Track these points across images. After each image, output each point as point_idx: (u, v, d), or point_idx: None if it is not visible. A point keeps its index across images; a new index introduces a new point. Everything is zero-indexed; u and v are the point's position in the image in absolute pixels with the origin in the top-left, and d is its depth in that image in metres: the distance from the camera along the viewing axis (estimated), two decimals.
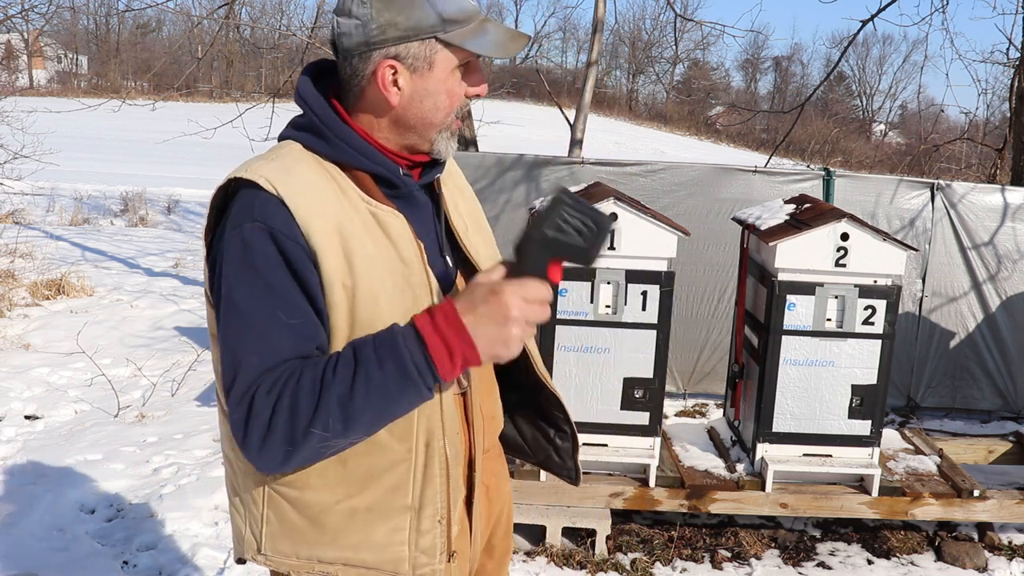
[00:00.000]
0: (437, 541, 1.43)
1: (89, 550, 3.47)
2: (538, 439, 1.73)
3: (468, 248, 1.54)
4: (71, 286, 7.42)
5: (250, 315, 1.29)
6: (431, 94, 1.39)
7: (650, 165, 5.25)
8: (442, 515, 1.43)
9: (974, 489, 3.65)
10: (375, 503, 1.40)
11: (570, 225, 1.21)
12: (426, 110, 1.40)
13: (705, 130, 41.96)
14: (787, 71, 55.84)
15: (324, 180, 1.37)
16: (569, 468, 1.72)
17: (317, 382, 1.25)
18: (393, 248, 1.38)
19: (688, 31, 42.34)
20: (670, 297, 3.52)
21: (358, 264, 1.33)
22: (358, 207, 1.37)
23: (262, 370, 1.27)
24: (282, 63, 13.70)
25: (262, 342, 1.29)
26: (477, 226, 1.61)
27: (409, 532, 1.41)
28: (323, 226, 1.31)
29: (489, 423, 1.60)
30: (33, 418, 4.89)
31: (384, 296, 1.35)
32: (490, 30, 1.39)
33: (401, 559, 1.42)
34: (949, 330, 5.36)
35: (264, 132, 6.32)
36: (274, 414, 1.25)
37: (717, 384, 5.35)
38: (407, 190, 1.45)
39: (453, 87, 1.40)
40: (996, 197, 5.23)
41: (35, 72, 41.36)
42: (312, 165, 1.39)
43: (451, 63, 1.39)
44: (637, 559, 3.58)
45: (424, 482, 1.41)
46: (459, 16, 1.36)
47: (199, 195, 15.13)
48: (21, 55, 37.35)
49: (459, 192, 1.62)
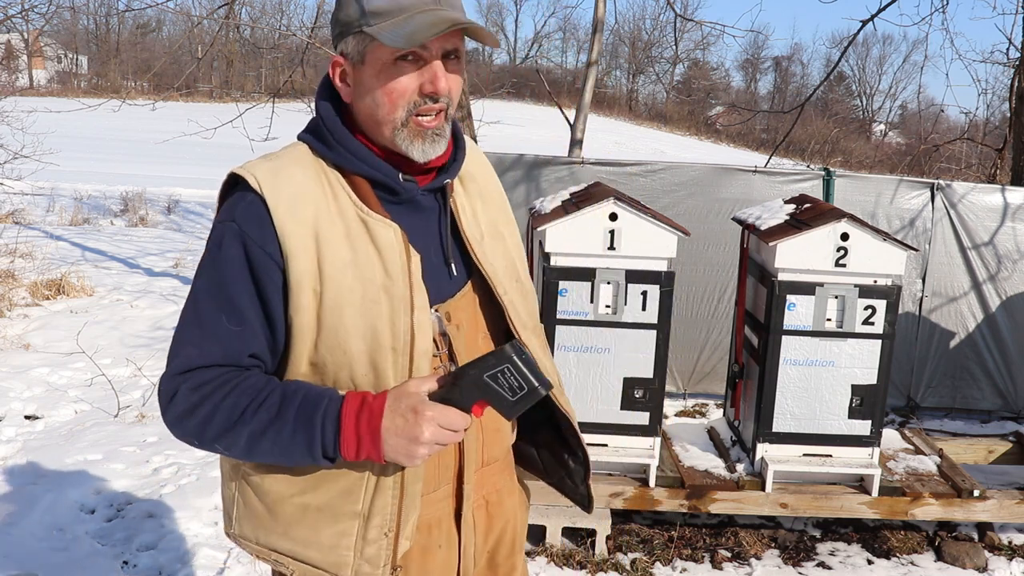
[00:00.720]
0: (383, 552, 1.41)
1: (89, 550, 3.47)
2: (553, 460, 1.69)
3: (479, 258, 1.48)
4: (71, 286, 7.42)
5: (200, 310, 1.38)
6: (368, 89, 1.37)
7: (650, 165, 5.26)
8: (390, 527, 1.41)
9: (974, 489, 3.64)
10: (326, 504, 1.41)
11: (506, 381, 1.31)
12: (368, 106, 1.38)
13: (705, 130, 41.96)
14: (787, 71, 55.87)
15: (315, 184, 1.38)
16: (581, 494, 1.69)
17: (236, 411, 1.32)
18: (377, 258, 1.36)
19: (688, 31, 42.32)
20: (670, 297, 3.52)
21: (328, 271, 1.34)
22: (346, 213, 1.37)
23: (193, 364, 1.35)
24: (282, 63, 13.70)
25: (201, 338, 1.36)
26: (495, 234, 1.54)
27: (356, 538, 1.40)
28: (298, 230, 1.33)
29: (491, 435, 1.55)
30: (33, 418, 4.89)
31: (350, 307, 1.35)
32: (416, 20, 1.30)
33: (345, 563, 1.41)
34: (949, 330, 5.36)
35: (264, 132, 6.32)
36: (190, 414, 1.35)
37: (717, 384, 5.35)
38: (408, 196, 1.42)
39: (389, 82, 1.34)
40: (996, 197, 5.23)
41: (35, 72, 41.36)
42: (309, 168, 1.40)
43: (383, 56, 1.34)
44: (637, 559, 3.58)
45: (376, 492, 1.40)
46: (385, 8, 1.32)
47: (199, 195, 15.13)
48: (21, 55, 37.35)
49: (480, 198, 1.55)
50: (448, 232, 1.48)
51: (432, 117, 1.37)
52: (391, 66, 1.34)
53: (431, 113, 1.36)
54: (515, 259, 1.57)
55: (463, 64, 1.42)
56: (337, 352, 1.36)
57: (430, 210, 1.46)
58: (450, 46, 1.36)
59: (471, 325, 1.50)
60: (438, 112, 1.37)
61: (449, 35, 1.33)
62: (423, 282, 1.41)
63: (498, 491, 1.61)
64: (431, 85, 1.34)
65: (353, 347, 1.36)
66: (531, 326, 1.56)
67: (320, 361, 1.38)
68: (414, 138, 1.37)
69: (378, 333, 1.36)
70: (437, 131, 1.38)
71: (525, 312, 1.55)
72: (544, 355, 1.59)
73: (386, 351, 1.36)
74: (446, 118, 1.39)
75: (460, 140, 1.51)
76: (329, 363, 1.37)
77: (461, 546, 1.54)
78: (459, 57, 1.39)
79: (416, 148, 1.37)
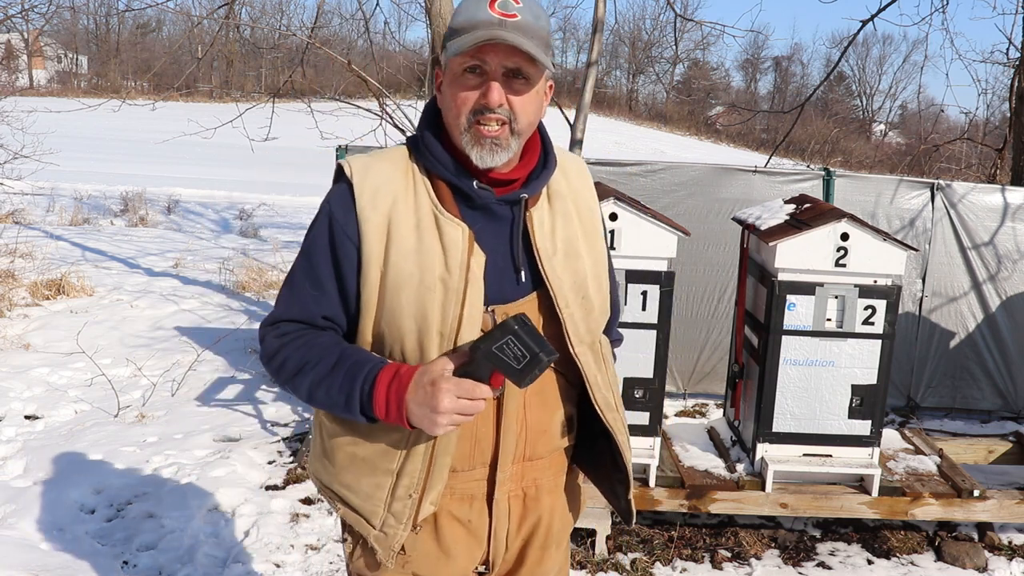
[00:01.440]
0: (407, 510, 1.59)
1: (89, 550, 3.47)
2: (605, 470, 1.78)
3: (546, 272, 1.60)
4: (71, 286, 7.42)
5: (293, 274, 1.63)
6: (445, 96, 1.57)
7: (650, 165, 5.26)
8: (416, 490, 1.57)
9: (974, 489, 3.65)
10: (368, 457, 1.60)
11: (511, 351, 1.43)
12: (446, 111, 1.57)
13: (705, 130, 41.95)
14: (787, 71, 55.85)
15: (400, 180, 1.58)
16: (623, 507, 1.78)
17: (302, 363, 1.55)
18: (440, 251, 1.53)
19: (688, 31, 42.30)
20: (670, 297, 3.52)
21: (393, 256, 1.53)
22: (421, 209, 1.55)
23: (279, 318, 1.62)
24: (282, 63, 13.69)
25: (289, 298, 1.62)
26: (571, 252, 1.64)
27: (387, 492, 1.59)
28: (374, 217, 1.54)
29: (535, 435, 1.66)
30: (33, 418, 4.89)
31: (407, 288, 1.53)
32: (473, 36, 1.48)
33: (375, 513, 1.60)
34: (949, 330, 5.36)
35: (264, 132, 6.31)
36: (271, 357, 1.60)
37: (717, 384, 5.35)
38: (482, 202, 1.57)
39: (458, 91, 1.52)
40: (996, 197, 5.23)
41: (35, 72, 41.36)
42: (399, 165, 1.60)
43: (454, 67, 1.53)
44: (637, 559, 3.58)
45: (408, 455, 1.57)
46: (461, 25, 1.51)
47: (199, 195, 15.13)
48: (21, 55, 37.36)
49: (564, 216, 1.65)
50: (520, 242, 1.60)
51: (493, 127, 1.51)
52: (459, 76, 1.53)
53: (491, 123, 1.51)
54: (587, 277, 1.66)
55: (534, 87, 1.54)
56: (392, 327, 1.55)
57: (504, 219, 1.60)
58: (511, 65, 1.50)
59: None
60: (500, 124, 1.51)
61: (510, 55, 1.49)
62: (484, 282, 1.55)
63: (537, 487, 1.72)
64: (484, 97, 1.50)
65: (405, 325, 1.54)
66: (588, 341, 1.66)
67: (379, 333, 1.58)
68: (474, 144, 1.53)
69: (428, 317, 1.53)
70: (496, 141, 1.52)
71: (584, 328, 1.65)
72: (598, 370, 1.68)
73: (433, 335, 1.53)
74: (512, 133, 1.53)
75: (549, 160, 1.65)
76: (386, 336, 1.57)
77: (492, 527, 1.68)
78: (527, 79, 1.52)
79: (475, 153, 1.53)
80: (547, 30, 1.55)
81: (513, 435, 1.63)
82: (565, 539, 1.83)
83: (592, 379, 1.66)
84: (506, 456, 1.64)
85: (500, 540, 1.70)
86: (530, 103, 1.55)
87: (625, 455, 1.72)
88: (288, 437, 4.74)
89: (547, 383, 1.66)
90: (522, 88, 1.53)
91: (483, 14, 1.49)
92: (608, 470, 1.77)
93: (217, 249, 10.06)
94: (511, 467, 1.65)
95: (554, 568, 1.81)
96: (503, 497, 1.67)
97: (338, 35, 13.01)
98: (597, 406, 1.67)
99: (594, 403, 1.67)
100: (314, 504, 3.97)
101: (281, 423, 4.95)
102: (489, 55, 1.49)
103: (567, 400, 1.71)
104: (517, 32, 1.48)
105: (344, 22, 18.01)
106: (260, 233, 11.77)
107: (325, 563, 3.49)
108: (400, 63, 9.42)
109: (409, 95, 8.27)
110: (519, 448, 1.65)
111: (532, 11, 1.52)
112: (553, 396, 1.68)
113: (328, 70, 13.61)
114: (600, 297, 1.70)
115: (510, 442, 1.63)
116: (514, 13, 1.49)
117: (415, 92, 8.20)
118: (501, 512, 1.68)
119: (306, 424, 4.91)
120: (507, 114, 1.51)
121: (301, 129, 6.79)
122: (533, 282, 1.62)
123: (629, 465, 1.74)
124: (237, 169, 18.16)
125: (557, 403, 1.69)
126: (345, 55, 6.52)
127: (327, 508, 3.93)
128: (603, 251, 1.73)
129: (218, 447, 4.51)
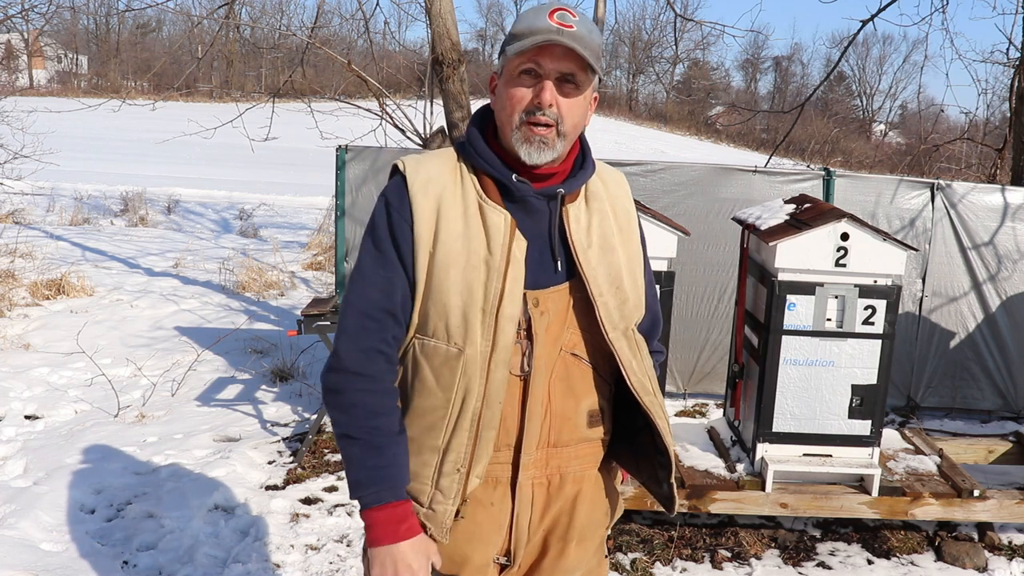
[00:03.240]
0: (454, 486, 1.66)
1: (89, 550, 3.47)
2: (646, 459, 1.83)
3: (581, 263, 1.71)
4: (71, 286, 7.42)
5: (364, 265, 1.71)
6: (500, 96, 1.69)
7: (650, 165, 5.26)
8: (463, 464, 1.66)
9: (974, 489, 3.64)
10: (415, 437, 1.68)
11: None
12: (500, 109, 1.69)
13: (705, 130, 41.96)
14: (787, 71, 55.86)
15: (448, 174, 1.71)
16: (664, 493, 1.83)
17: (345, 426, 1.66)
18: (484, 235, 1.66)
19: (688, 31, 42.38)
20: (670, 297, 3.52)
21: (443, 237, 1.65)
22: (468, 198, 1.68)
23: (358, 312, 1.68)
24: (282, 63, 13.67)
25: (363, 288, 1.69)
26: (605, 246, 1.74)
27: (433, 470, 1.67)
28: (425, 203, 1.67)
29: (559, 420, 1.73)
30: (33, 418, 4.89)
31: (455, 267, 1.65)
32: (530, 40, 1.61)
33: (423, 491, 1.68)
34: (949, 330, 5.36)
35: (264, 132, 6.31)
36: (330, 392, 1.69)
37: (717, 384, 5.35)
38: (520, 195, 1.68)
39: (513, 90, 1.65)
40: (996, 197, 5.23)
41: (35, 72, 41.37)
42: (447, 162, 1.73)
43: (511, 69, 1.65)
44: (637, 559, 3.58)
45: (454, 432, 1.65)
46: (521, 31, 1.64)
47: (199, 195, 15.13)
48: (21, 55, 37.35)
49: (600, 215, 1.76)
50: (556, 234, 1.71)
51: (542, 127, 1.63)
52: (515, 78, 1.65)
53: (540, 123, 1.63)
54: (622, 270, 1.76)
55: (583, 93, 1.66)
56: (439, 304, 1.65)
57: (541, 212, 1.71)
58: (565, 69, 1.63)
59: (557, 316, 1.71)
60: (547, 125, 1.63)
61: (564, 59, 1.62)
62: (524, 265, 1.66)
63: (561, 475, 1.77)
64: (537, 98, 1.63)
65: (452, 301, 1.64)
66: (621, 328, 1.75)
67: (424, 312, 1.67)
68: (523, 141, 1.65)
69: (473, 293, 1.64)
70: (544, 140, 1.64)
71: (618, 315, 1.74)
72: (633, 356, 1.75)
73: (476, 310, 1.64)
74: (558, 134, 1.65)
75: (587, 162, 1.76)
76: (431, 314, 1.66)
77: (515, 514, 1.73)
78: (577, 85, 1.65)
79: (523, 149, 1.65)
80: (599, 44, 1.68)
81: (538, 419, 1.70)
82: (593, 536, 1.84)
83: (627, 364, 1.73)
84: (530, 440, 1.70)
85: (522, 529, 1.75)
86: (578, 108, 1.67)
87: (666, 438, 1.77)
88: (288, 437, 4.74)
89: (573, 370, 1.73)
90: (572, 92, 1.65)
91: (542, 23, 1.62)
92: (651, 455, 1.81)
93: (217, 249, 10.06)
94: (535, 452, 1.72)
95: (580, 566, 1.82)
96: (527, 483, 1.73)
97: (338, 35, 13.00)
98: (633, 390, 1.73)
99: (630, 387, 1.73)
100: (314, 504, 3.97)
101: (281, 423, 4.95)
102: (545, 58, 1.62)
103: (597, 392, 1.77)
104: (572, 40, 1.61)
105: (344, 22, 17.98)
106: (260, 233, 11.78)
107: (325, 563, 3.49)
108: (400, 63, 9.41)
109: (409, 95, 8.26)
110: (543, 433, 1.72)
111: (587, 26, 1.65)
112: (581, 385, 1.74)
113: (328, 70, 13.60)
114: (635, 291, 1.78)
115: (535, 426, 1.70)
116: (571, 24, 1.63)
117: (415, 92, 8.20)
118: (524, 498, 1.73)
119: (306, 424, 4.91)
120: (555, 116, 1.64)
121: (301, 129, 6.80)
122: (567, 273, 1.72)
123: (671, 448, 1.79)
124: (237, 169, 18.17)
125: (584, 392, 1.75)
126: (345, 55, 6.52)
127: (327, 508, 3.94)
128: (639, 252, 1.83)
129: (218, 447, 4.51)
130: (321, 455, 4.50)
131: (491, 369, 1.64)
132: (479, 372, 1.63)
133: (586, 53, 1.61)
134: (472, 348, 1.63)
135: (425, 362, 1.66)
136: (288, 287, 8.38)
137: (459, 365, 1.63)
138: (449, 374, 1.64)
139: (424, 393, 1.67)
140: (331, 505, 3.97)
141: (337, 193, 5.53)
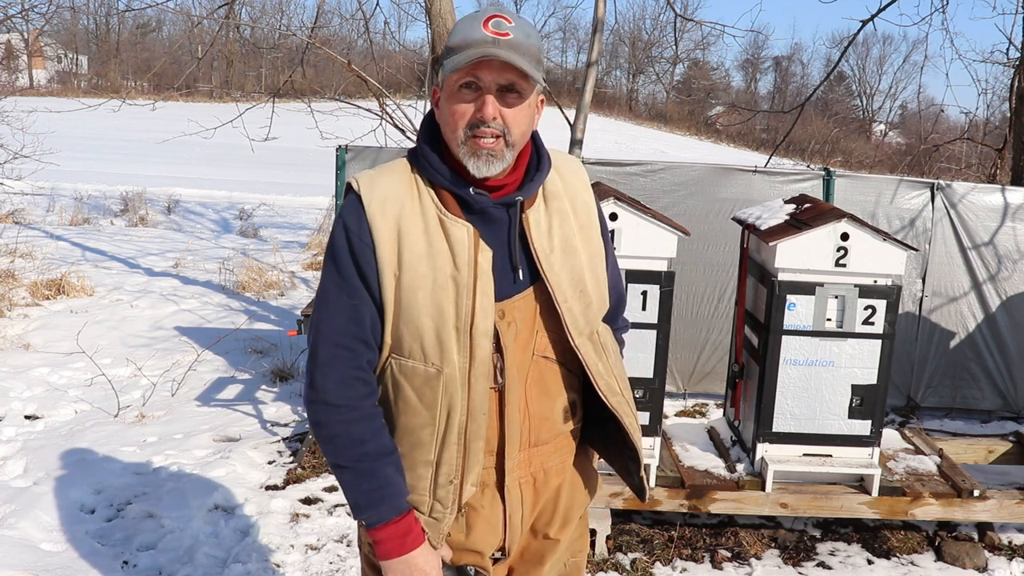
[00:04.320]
0: (450, 495, 1.69)
1: (89, 550, 3.47)
2: (617, 449, 1.88)
3: (544, 268, 1.70)
4: (71, 286, 7.42)
5: (327, 292, 1.68)
6: (443, 111, 1.65)
7: (650, 165, 5.25)
8: (455, 476, 1.68)
9: (974, 489, 3.64)
10: (406, 454, 1.70)
11: None
12: (444, 124, 1.66)
13: (705, 130, 41.95)
14: (787, 71, 55.83)
15: (404, 189, 1.67)
16: (636, 484, 1.88)
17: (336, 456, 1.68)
18: (449, 251, 1.63)
19: (688, 31, 42.39)
20: (670, 297, 3.52)
21: (407, 258, 1.63)
22: (427, 214, 1.65)
23: (329, 342, 1.66)
24: (282, 63, 13.68)
25: (329, 318, 1.67)
26: (567, 249, 1.73)
27: (429, 482, 1.69)
28: (384, 224, 1.63)
29: (538, 422, 1.76)
30: (33, 418, 4.89)
31: (423, 289, 1.63)
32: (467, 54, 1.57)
33: (423, 501, 1.70)
34: (949, 330, 5.36)
35: (264, 132, 6.31)
36: (318, 425, 1.70)
37: (717, 384, 5.35)
38: (479, 207, 1.66)
39: (455, 106, 1.62)
40: (996, 197, 5.23)
41: (35, 72, 41.36)
42: (402, 177, 1.69)
43: (450, 84, 1.62)
44: (637, 559, 3.58)
45: (443, 446, 1.67)
46: (457, 44, 1.60)
47: (199, 195, 15.13)
48: (21, 55, 37.34)
49: (560, 215, 1.74)
50: (517, 242, 1.70)
51: (488, 140, 1.60)
52: (456, 92, 1.62)
53: (486, 136, 1.60)
54: (584, 272, 1.75)
55: (526, 100, 1.63)
56: (411, 327, 1.64)
57: (501, 221, 1.69)
58: (504, 81, 1.59)
59: (525, 324, 1.71)
60: (495, 137, 1.60)
61: (503, 71, 1.58)
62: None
63: (545, 471, 1.80)
64: (479, 112, 1.60)
65: (424, 323, 1.63)
66: (587, 332, 1.75)
67: (397, 335, 1.66)
68: (471, 155, 1.62)
69: (444, 313, 1.62)
70: (492, 152, 1.61)
71: (583, 320, 1.74)
72: (599, 359, 1.77)
73: (450, 329, 1.63)
74: (506, 144, 1.62)
75: (542, 162, 1.73)
76: (405, 336, 1.65)
77: (507, 514, 1.77)
78: (519, 93, 1.61)
79: (472, 164, 1.62)
80: (538, 48, 1.63)
81: (517, 424, 1.73)
82: (575, 516, 1.90)
83: (593, 367, 1.75)
84: (512, 444, 1.73)
85: (516, 527, 1.79)
86: (523, 116, 1.64)
87: (632, 435, 1.81)
88: (288, 437, 4.74)
89: (546, 372, 1.75)
90: (515, 102, 1.62)
91: (477, 33, 1.58)
92: (620, 448, 1.85)
93: (217, 249, 10.06)
94: (518, 454, 1.74)
95: (563, 545, 1.89)
96: (514, 484, 1.76)
97: (338, 35, 13.00)
98: (600, 392, 1.75)
99: (597, 390, 1.76)
100: (314, 504, 3.97)
101: (281, 423, 4.95)
102: (483, 71, 1.58)
103: (569, 388, 1.79)
104: (510, 50, 1.57)
105: (344, 22, 17.97)
106: (260, 233, 11.78)
107: (325, 563, 3.49)
108: (400, 63, 9.41)
109: (409, 95, 8.27)
110: (524, 435, 1.74)
111: (523, 30, 1.61)
112: (554, 385, 1.77)
113: (328, 70, 13.61)
114: (598, 292, 1.78)
115: (515, 431, 1.72)
116: (507, 32, 1.58)
117: (415, 92, 8.20)
118: (514, 499, 1.77)
119: (306, 424, 4.91)
120: (501, 128, 1.61)
121: (301, 129, 6.80)
122: (530, 278, 1.71)
123: (639, 444, 1.83)
124: (237, 169, 18.16)
125: (558, 391, 1.77)
126: (345, 55, 6.52)
127: (327, 508, 3.94)
128: (599, 244, 1.81)
129: (218, 447, 4.51)
130: (321, 455, 4.50)
131: (472, 384, 1.65)
132: (460, 388, 1.64)
133: (523, 62, 1.57)
134: (450, 367, 1.63)
135: (405, 382, 1.66)
136: (288, 287, 8.38)
137: (439, 384, 1.64)
138: (431, 393, 1.65)
139: (409, 412, 1.68)
140: (331, 505, 3.97)
141: (337, 193, 5.53)
